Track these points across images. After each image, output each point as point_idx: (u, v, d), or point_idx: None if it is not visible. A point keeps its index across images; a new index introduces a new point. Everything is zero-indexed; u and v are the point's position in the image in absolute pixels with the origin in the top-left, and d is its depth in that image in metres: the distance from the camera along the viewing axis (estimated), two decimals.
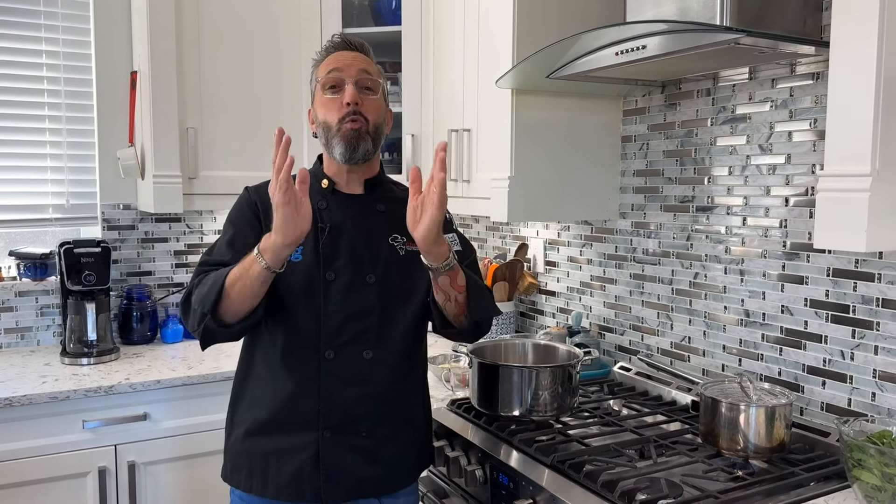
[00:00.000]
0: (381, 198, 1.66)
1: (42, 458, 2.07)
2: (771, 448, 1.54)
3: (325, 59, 1.60)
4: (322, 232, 1.55)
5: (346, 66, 1.55)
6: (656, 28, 1.57)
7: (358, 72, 1.55)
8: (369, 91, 1.57)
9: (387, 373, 1.56)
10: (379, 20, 2.78)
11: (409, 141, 2.66)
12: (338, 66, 1.55)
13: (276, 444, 1.53)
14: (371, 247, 1.58)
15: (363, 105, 1.55)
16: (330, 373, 1.52)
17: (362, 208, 1.62)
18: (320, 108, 1.57)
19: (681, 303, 2.08)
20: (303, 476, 1.51)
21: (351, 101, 1.52)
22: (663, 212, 2.12)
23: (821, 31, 1.66)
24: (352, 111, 1.53)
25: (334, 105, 1.54)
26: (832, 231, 1.30)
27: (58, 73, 2.65)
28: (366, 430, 1.54)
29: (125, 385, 2.17)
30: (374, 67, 1.61)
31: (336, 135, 1.55)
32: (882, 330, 1.59)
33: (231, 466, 1.59)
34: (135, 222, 2.78)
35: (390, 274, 1.58)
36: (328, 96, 1.56)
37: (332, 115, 1.55)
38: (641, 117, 2.18)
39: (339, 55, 1.58)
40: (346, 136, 1.54)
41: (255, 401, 1.57)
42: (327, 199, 1.61)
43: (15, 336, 2.60)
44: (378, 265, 1.57)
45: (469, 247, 1.72)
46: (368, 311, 1.55)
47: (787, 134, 1.77)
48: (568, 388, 1.76)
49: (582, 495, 1.41)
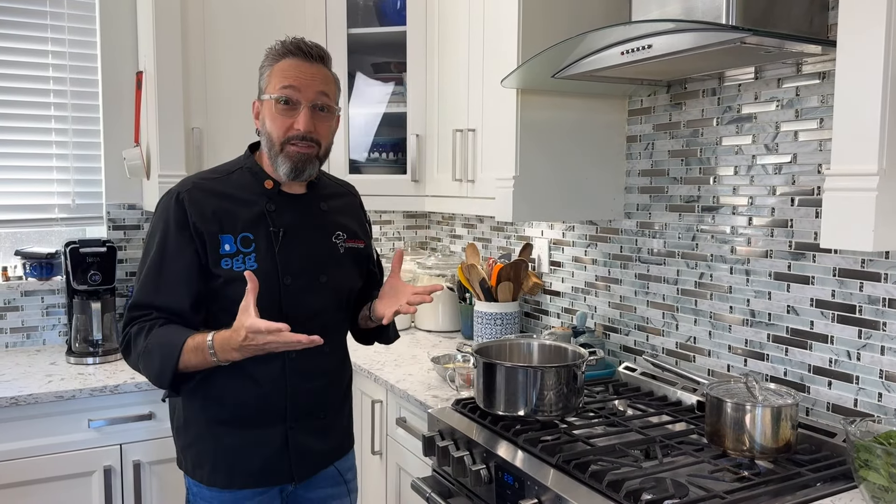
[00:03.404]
0: (322, 196, 1.69)
1: (47, 457, 2.08)
2: (777, 448, 1.54)
3: (280, 62, 1.55)
4: (276, 237, 1.57)
5: (304, 85, 1.52)
6: (662, 27, 1.57)
7: (315, 94, 1.53)
8: (324, 112, 1.56)
9: (338, 362, 1.72)
10: (384, 20, 2.78)
11: (414, 141, 2.66)
12: (295, 84, 1.52)
13: (244, 438, 1.58)
14: (320, 248, 1.64)
15: (316, 129, 1.54)
16: (294, 371, 1.60)
17: (307, 208, 1.64)
18: (269, 117, 1.55)
19: (686, 303, 2.07)
20: (272, 463, 1.60)
21: (304, 130, 1.52)
22: (668, 212, 2.12)
23: (827, 30, 1.65)
24: (301, 136, 1.53)
25: (284, 122, 1.53)
26: (839, 231, 1.29)
27: (63, 73, 2.66)
28: (324, 413, 1.67)
29: (130, 384, 2.17)
30: (332, 83, 1.59)
31: (281, 153, 1.55)
32: (888, 330, 1.59)
33: (193, 462, 1.61)
34: (140, 222, 2.78)
35: (337, 273, 1.66)
36: (279, 110, 1.53)
37: (279, 130, 1.54)
38: (647, 117, 2.18)
39: (299, 67, 1.53)
40: (294, 158, 1.54)
41: (215, 398, 1.58)
42: (274, 200, 1.60)
43: (21, 335, 2.61)
44: (328, 265, 1.64)
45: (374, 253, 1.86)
46: (323, 309, 1.63)
47: (794, 133, 1.76)
48: (573, 388, 1.76)
49: (587, 495, 1.40)
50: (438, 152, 2.61)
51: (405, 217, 3.39)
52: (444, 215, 3.29)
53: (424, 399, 2.02)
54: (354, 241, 1.71)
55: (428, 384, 2.17)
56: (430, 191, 2.67)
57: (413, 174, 2.69)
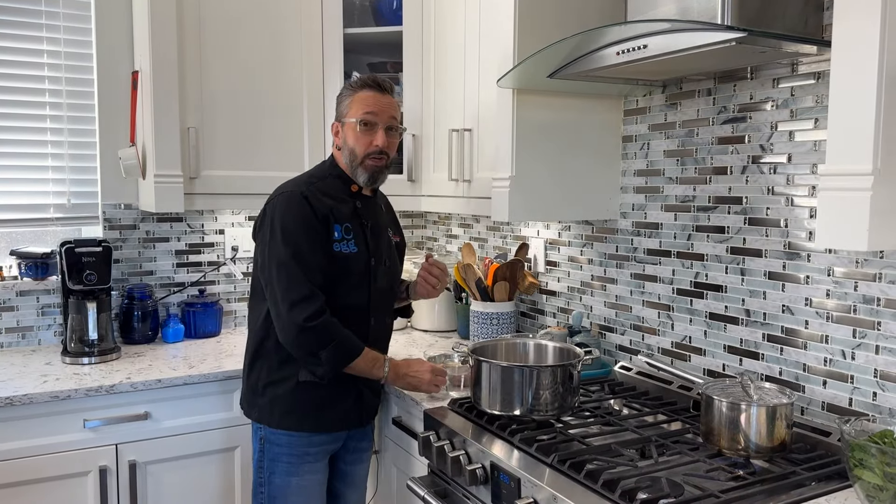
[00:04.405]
0: (379, 199, 2.14)
1: (43, 458, 2.08)
2: (772, 448, 1.54)
3: (360, 93, 1.94)
4: (365, 228, 1.99)
5: (381, 111, 1.94)
6: (658, 27, 1.57)
7: (389, 119, 1.95)
8: (393, 131, 1.98)
9: (389, 332, 2.15)
10: (380, 20, 2.78)
11: (410, 141, 2.66)
12: (374, 111, 1.93)
13: (331, 391, 1.95)
14: (385, 239, 2.08)
15: (388, 146, 1.96)
16: (372, 334, 2.00)
17: (376, 208, 2.09)
18: (351, 136, 1.95)
19: (681, 302, 2.08)
20: (351, 410, 2.00)
21: (382, 146, 1.94)
22: (664, 211, 2.12)
23: (822, 30, 1.66)
24: (379, 151, 1.94)
25: (365, 140, 1.94)
26: (833, 230, 1.30)
27: (59, 72, 2.65)
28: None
29: (126, 384, 2.17)
30: (398, 110, 2.01)
31: (360, 165, 1.96)
32: (883, 329, 1.59)
33: (280, 412, 1.95)
34: (136, 222, 2.78)
35: (392, 260, 2.10)
36: (361, 131, 1.93)
37: (361, 147, 1.94)
38: (642, 117, 2.18)
39: (374, 97, 1.94)
40: (370, 169, 1.96)
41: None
42: (360, 199, 2.02)
43: (16, 335, 2.61)
44: (390, 253, 2.08)
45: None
46: (389, 287, 2.08)
47: (789, 133, 1.77)
48: (569, 387, 1.76)
49: (583, 494, 1.40)
50: (435, 152, 2.61)
51: (401, 217, 3.35)
52: (440, 215, 3.29)
53: (420, 398, 2.02)
54: (396, 237, 2.16)
55: None
56: (426, 190, 2.67)
57: (409, 174, 2.69)
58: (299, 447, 1.96)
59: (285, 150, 2.66)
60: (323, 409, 1.96)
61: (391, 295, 2.13)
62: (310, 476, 1.98)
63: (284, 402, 1.94)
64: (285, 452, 1.96)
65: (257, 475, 2.01)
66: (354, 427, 2.04)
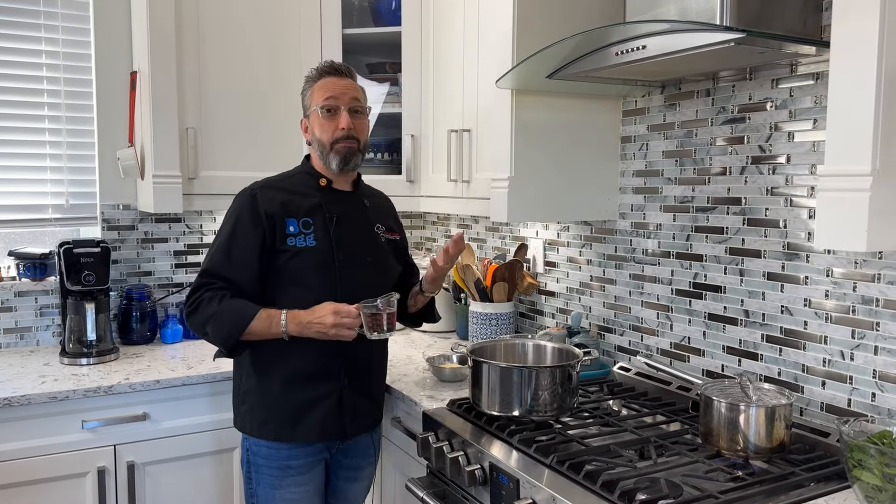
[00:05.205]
0: (364, 194, 2.04)
1: (41, 459, 2.07)
2: (771, 448, 1.54)
3: (318, 82, 1.92)
4: (330, 220, 1.90)
5: (341, 94, 1.89)
6: (657, 28, 1.57)
7: (350, 100, 1.90)
8: (358, 114, 1.92)
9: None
10: (379, 21, 2.78)
11: (409, 141, 2.66)
12: (333, 95, 1.89)
13: (308, 394, 1.88)
14: (366, 234, 1.98)
15: (355, 128, 1.90)
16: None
17: (353, 203, 1.99)
18: (317, 126, 1.91)
19: (680, 303, 2.08)
20: (330, 419, 1.89)
21: (346, 128, 1.88)
22: (663, 212, 2.12)
23: (821, 31, 1.66)
24: (346, 135, 1.89)
25: (330, 127, 1.89)
26: (832, 231, 1.30)
27: (58, 73, 2.65)
28: (373, 377, 1.99)
29: (125, 385, 2.16)
30: (361, 91, 1.96)
31: (331, 151, 1.90)
32: (882, 330, 1.59)
33: (259, 421, 1.90)
34: (134, 222, 2.77)
35: (380, 255, 2.00)
36: (325, 117, 1.89)
37: (327, 134, 1.90)
38: (641, 118, 2.18)
39: (332, 82, 1.91)
40: (342, 152, 1.90)
41: (282, 358, 1.87)
42: (327, 194, 1.94)
43: (14, 336, 2.60)
44: (373, 248, 1.98)
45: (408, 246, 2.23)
46: (371, 284, 1.92)
47: (788, 134, 1.77)
48: (568, 388, 1.76)
49: (582, 495, 1.40)
50: (433, 153, 2.61)
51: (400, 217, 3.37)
52: (439, 216, 3.29)
53: (419, 399, 2.02)
54: (391, 234, 2.07)
55: (423, 384, 2.17)
56: (425, 191, 2.67)
57: (408, 174, 2.69)
58: (279, 460, 1.89)
59: (284, 150, 2.65)
60: (300, 418, 1.88)
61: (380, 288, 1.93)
62: (295, 489, 1.91)
63: (262, 411, 1.89)
64: (266, 465, 1.90)
65: (247, 485, 1.97)
66: (335, 439, 1.93)
